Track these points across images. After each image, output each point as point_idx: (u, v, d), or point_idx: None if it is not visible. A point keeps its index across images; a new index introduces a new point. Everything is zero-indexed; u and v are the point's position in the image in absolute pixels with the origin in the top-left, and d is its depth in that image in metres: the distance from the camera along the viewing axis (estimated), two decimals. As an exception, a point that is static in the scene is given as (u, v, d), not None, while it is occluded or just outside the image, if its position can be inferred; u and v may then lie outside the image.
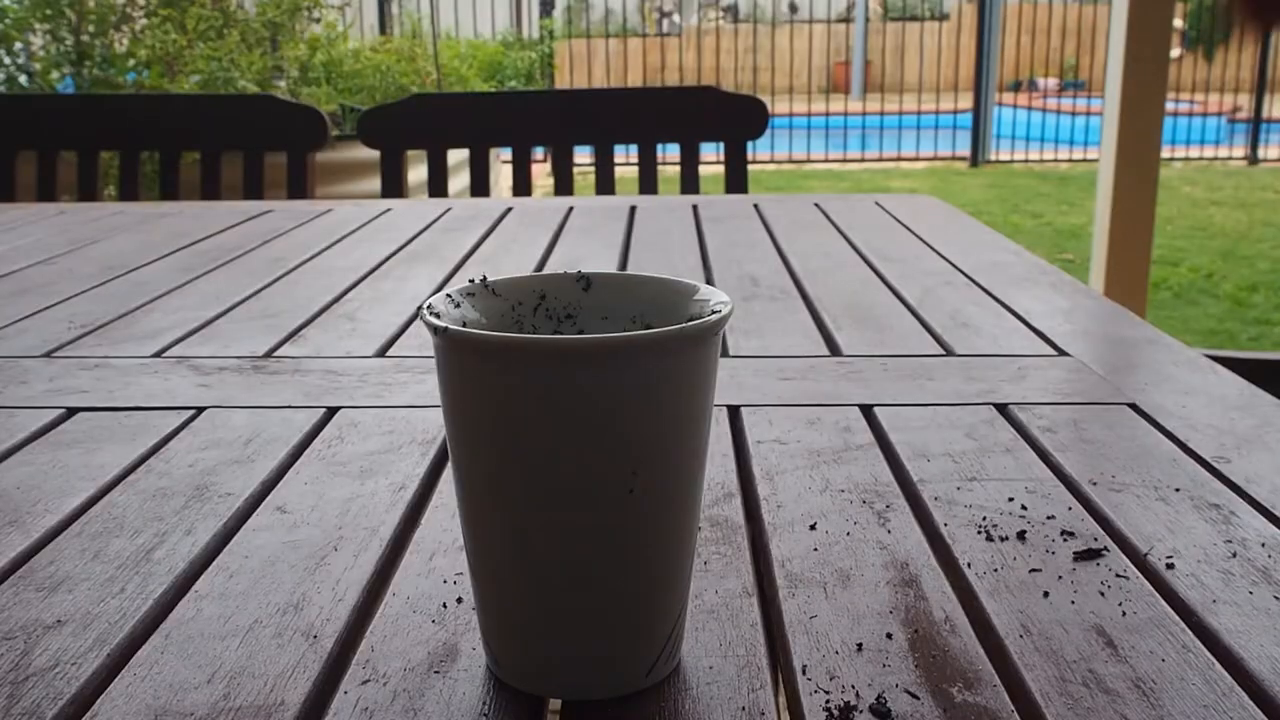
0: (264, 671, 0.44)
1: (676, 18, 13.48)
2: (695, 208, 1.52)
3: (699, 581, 0.51)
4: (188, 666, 0.45)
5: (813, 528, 0.57)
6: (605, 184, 1.85)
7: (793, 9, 12.44)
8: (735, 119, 1.86)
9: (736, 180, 1.84)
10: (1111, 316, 0.99)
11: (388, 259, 1.22)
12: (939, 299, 1.02)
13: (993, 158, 8.63)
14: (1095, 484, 0.62)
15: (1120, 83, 2.84)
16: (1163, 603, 0.49)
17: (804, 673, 0.44)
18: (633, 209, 1.50)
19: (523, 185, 1.89)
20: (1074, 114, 9.01)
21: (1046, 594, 0.50)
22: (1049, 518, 0.58)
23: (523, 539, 0.41)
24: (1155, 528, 0.57)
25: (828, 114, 9.20)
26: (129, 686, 0.43)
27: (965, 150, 8.61)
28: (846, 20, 12.62)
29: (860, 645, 0.46)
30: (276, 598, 0.50)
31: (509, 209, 1.51)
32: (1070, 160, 8.51)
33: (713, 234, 1.34)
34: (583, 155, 2.08)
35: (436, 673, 0.44)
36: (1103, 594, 0.50)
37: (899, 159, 8.79)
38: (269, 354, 0.87)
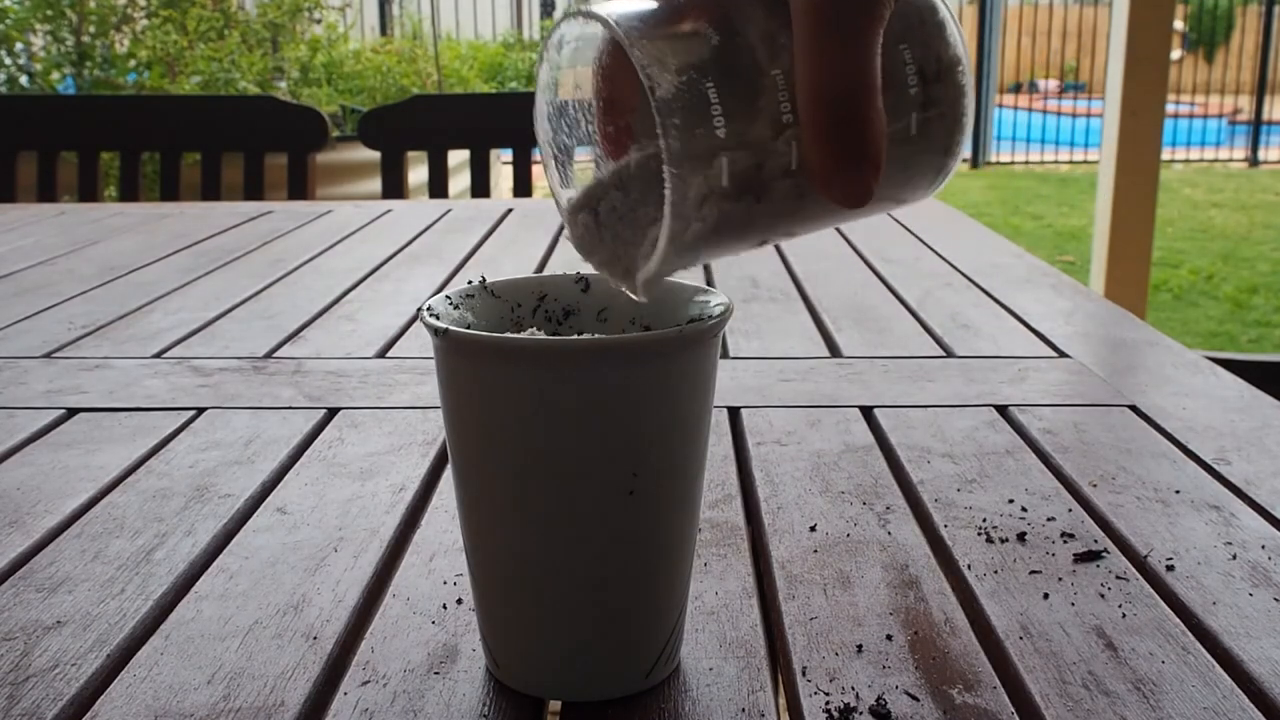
0: (264, 672, 0.44)
1: (677, 19, 13.45)
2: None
3: (699, 583, 0.51)
4: (188, 667, 0.45)
5: (813, 529, 0.57)
6: (606, 185, 1.85)
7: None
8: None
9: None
10: (1112, 318, 0.99)
11: (388, 260, 1.22)
12: (939, 300, 1.02)
13: (993, 159, 8.63)
14: (1095, 486, 0.62)
15: (1121, 85, 2.84)
16: (1162, 604, 0.49)
17: (804, 674, 0.44)
18: (633, 210, 1.50)
19: (523, 186, 1.89)
20: (1074, 116, 9.00)
21: (1046, 596, 0.50)
22: (1049, 519, 0.58)
23: (522, 540, 0.41)
24: (1155, 529, 0.57)
25: (828, 115, 9.16)
26: (129, 687, 0.43)
27: (966, 152, 8.58)
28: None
29: (860, 647, 0.46)
30: (277, 599, 0.50)
31: (509, 210, 1.52)
32: (1071, 162, 8.51)
33: (713, 235, 1.34)
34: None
35: (436, 674, 0.44)
36: (1103, 596, 0.50)
37: (899, 160, 8.75)
38: (269, 355, 0.87)
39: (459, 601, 0.50)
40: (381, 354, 0.87)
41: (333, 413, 0.74)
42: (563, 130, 0.41)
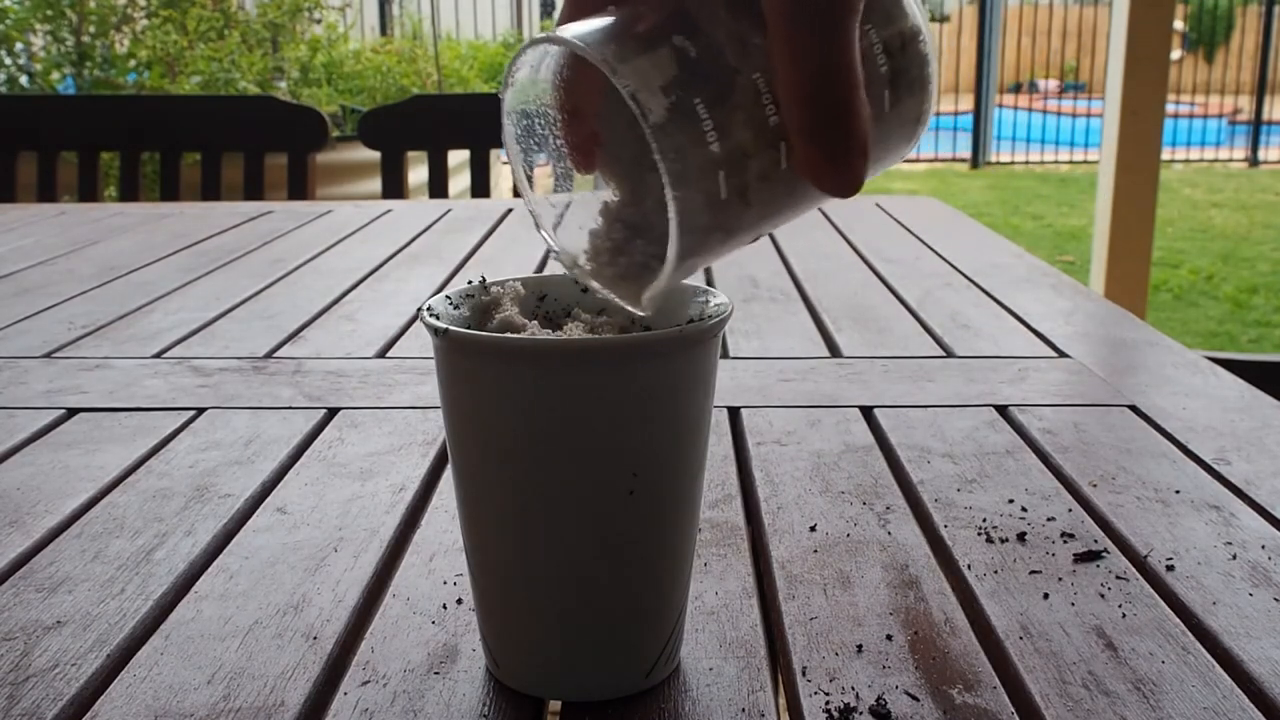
0: (264, 672, 0.44)
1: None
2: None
3: (699, 583, 0.51)
4: (188, 667, 0.45)
5: (813, 529, 0.57)
6: (606, 185, 1.85)
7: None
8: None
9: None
10: (1112, 318, 0.99)
11: (388, 260, 1.22)
12: (939, 300, 1.02)
13: (993, 159, 8.63)
14: (1095, 486, 0.62)
15: (1121, 85, 2.84)
16: (1162, 604, 0.49)
17: (804, 674, 0.44)
18: (633, 210, 1.50)
19: (523, 186, 1.89)
20: (1074, 116, 9.00)
21: (1046, 595, 0.50)
22: (1049, 519, 0.58)
23: (522, 540, 0.41)
24: (1155, 529, 0.57)
25: (828, 115, 9.15)
26: (129, 687, 0.43)
27: (966, 152, 8.60)
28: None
29: (860, 647, 0.46)
30: (277, 598, 0.50)
31: (509, 210, 1.52)
32: (1071, 162, 8.50)
33: (713, 235, 1.34)
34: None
35: (436, 674, 0.44)
36: (1103, 596, 0.50)
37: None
38: (269, 355, 0.87)
39: (459, 601, 0.50)
40: (381, 354, 0.87)
41: (333, 413, 0.74)
42: (532, 149, 0.42)
